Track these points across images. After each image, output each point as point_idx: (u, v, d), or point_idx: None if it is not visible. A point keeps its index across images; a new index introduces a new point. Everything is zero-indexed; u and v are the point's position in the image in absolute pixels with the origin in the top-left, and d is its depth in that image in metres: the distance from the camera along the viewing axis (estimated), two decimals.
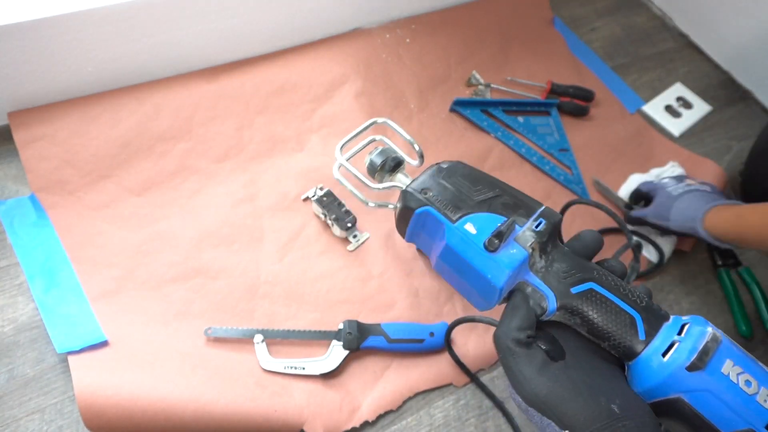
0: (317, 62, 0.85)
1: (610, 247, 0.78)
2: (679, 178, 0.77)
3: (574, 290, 0.38)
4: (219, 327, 0.64)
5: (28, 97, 0.73)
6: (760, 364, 0.37)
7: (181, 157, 0.75)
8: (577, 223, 0.79)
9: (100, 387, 0.56)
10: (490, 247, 0.39)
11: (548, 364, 0.37)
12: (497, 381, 0.65)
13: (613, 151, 0.88)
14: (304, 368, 0.62)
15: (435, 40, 0.93)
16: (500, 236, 0.39)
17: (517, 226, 0.41)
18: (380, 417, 0.62)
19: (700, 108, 0.96)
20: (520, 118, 0.88)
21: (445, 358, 0.66)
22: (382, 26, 0.92)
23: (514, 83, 0.92)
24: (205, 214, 0.72)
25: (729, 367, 0.35)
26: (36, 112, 0.73)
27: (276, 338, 0.64)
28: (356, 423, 0.61)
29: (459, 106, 0.87)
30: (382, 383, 0.64)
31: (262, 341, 0.63)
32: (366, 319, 0.66)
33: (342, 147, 0.52)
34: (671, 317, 0.39)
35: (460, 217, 0.41)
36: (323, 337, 0.64)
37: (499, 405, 0.64)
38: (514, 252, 0.39)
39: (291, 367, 0.62)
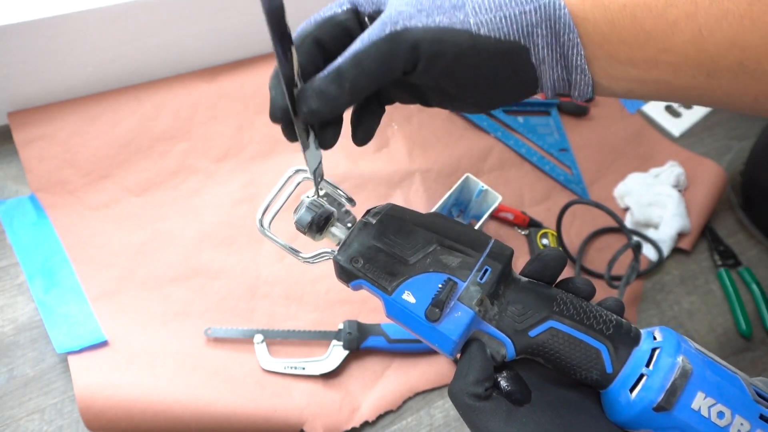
0: None
1: (610, 247, 0.78)
2: None
3: (532, 333, 0.36)
4: (219, 327, 0.64)
5: (28, 97, 0.73)
6: (738, 378, 0.35)
7: (181, 157, 0.75)
8: (577, 223, 0.79)
9: (100, 387, 0.56)
10: (432, 318, 0.36)
11: (513, 412, 0.34)
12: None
13: (613, 151, 0.88)
14: (304, 368, 0.62)
15: None
16: (440, 305, 0.36)
17: (459, 283, 0.36)
18: (380, 417, 0.62)
19: (700, 108, 0.96)
20: (520, 118, 0.88)
21: (445, 357, 0.66)
22: None
23: None
24: (205, 214, 0.72)
25: (700, 401, 0.34)
26: (36, 112, 0.73)
27: (276, 338, 0.64)
28: (356, 423, 0.61)
29: None
30: (382, 383, 0.64)
31: (262, 341, 0.63)
32: (366, 319, 0.66)
33: (263, 214, 0.44)
34: (642, 338, 0.36)
35: (397, 286, 0.37)
36: (323, 337, 0.64)
37: None
38: (458, 315, 0.36)
39: (291, 368, 0.62)
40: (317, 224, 0.42)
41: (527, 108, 0.89)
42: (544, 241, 0.75)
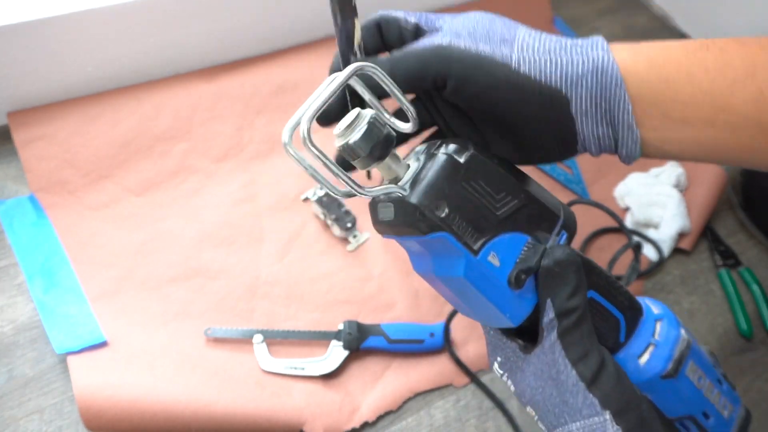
0: (317, 62, 0.85)
1: (610, 247, 0.78)
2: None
3: None
4: (218, 327, 0.64)
5: (28, 97, 0.73)
6: (704, 352, 0.40)
7: (181, 157, 0.75)
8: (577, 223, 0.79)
9: (100, 387, 0.56)
10: (516, 285, 0.32)
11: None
12: (497, 381, 0.65)
13: None
14: (303, 369, 0.62)
15: None
16: (529, 272, 0.33)
17: (544, 250, 0.34)
18: (380, 417, 0.62)
19: None
20: None
21: (445, 358, 0.66)
22: None
23: None
24: (205, 214, 0.72)
25: (691, 369, 0.37)
26: (36, 112, 0.73)
27: (276, 338, 0.64)
28: (356, 423, 0.61)
29: None
30: (382, 384, 0.64)
31: (262, 341, 0.63)
32: (366, 319, 0.66)
33: (308, 123, 0.32)
34: (643, 309, 0.39)
35: (483, 245, 0.32)
36: (323, 337, 0.64)
37: (499, 405, 0.64)
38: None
39: (291, 368, 0.62)
40: (380, 150, 0.32)
41: None
42: None
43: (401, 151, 0.35)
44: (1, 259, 0.66)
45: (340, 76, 0.32)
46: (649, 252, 0.78)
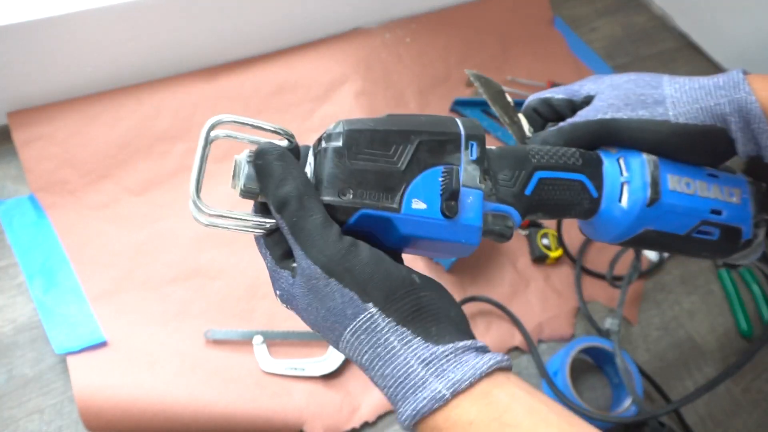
0: (317, 62, 0.85)
1: (610, 248, 0.78)
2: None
3: (527, 192, 0.37)
4: (218, 329, 0.64)
5: (28, 97, 0.73)
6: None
7: (180, 157, 0.75)
8: (577, 223, 0.79)
9: (100, 387, 0.56)
10: (451, 213, 0.33)
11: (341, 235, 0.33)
12: None
13: None
14: (304, 369, 0.62)
15: (435, 40, 0.93)
16: (455, 196, 0.33)
17: (458, 169, 0.34)
18: (380, 417, 0.62)
19: None
20: None
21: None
22: (382, 26, 0.92)
23: (515, 83, 0.92)
24: None
25: (674, 182, 0.38)
26: (35, 112, 0.73)
27: (276, 339, 0.64)
28: (356, 423, 0.61)
29: (459, 106, 0.87)
30: None
31: (262, 342, 0.63)
32: None
33: (196, 190, 0.34)
34: (601, 155, 0.40)
35: (401, 199, 0.33)
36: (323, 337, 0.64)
37: None
38: (471, 200, 0.35)
39: (291, 368, 0.62)
40: None
41: None
42: (545, 241, 0.75)
43: None
44: (1, 259, 0.65)
45: (203, 133, 0.35)
46: (649, 252, 0.78)
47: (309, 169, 0.35)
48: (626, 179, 0.38)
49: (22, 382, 0.59)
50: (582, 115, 0.42)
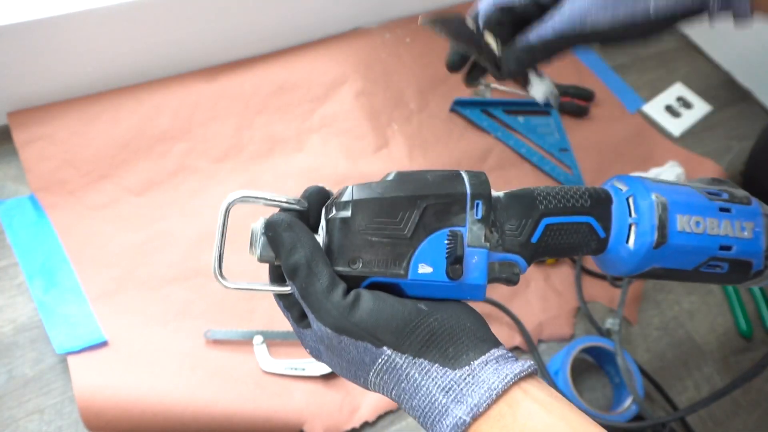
0: (317, 62, 0.85)
1: None
2: None
3: (534, 239, 0.38)
4: (218, 329, 0.64)
5: (28, 97, 0.73)
6: (690, 188, 0.40)
7: (180, 157, 0.75)
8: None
9: (100, 387, 0.56)
10: (456, 276, 0.34)
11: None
12: None
13: (613, 151, 0.88)
14: (304, 369, 0.62)
15: (435, 40, 0.93)
16: (459, 260, 0.34)
17: (462, 230, 0.35)
18: (380, 417, 0.62)
19: (700, 108, 0.96)
20: (521, 118, 0.88)
21: None
22: (382, 26, 0.92)
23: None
24: (205, 214, 0.72)
25: (682, 222, 0.38)
26: (36, 112, 0.73)
27: (276, 339, 0.64)
28: (356, 423, 0.61)
29: (459, 106, 0.87)
30: None
31: (262, 342, 0.63)
32: None
33: (219, 265, 0.37)
34: (611, 193, 0.40)
35: (408, 266, 0.35)
36: None
37: None
38: (476, 260, 0.35)
39: (291, 368, 0.62)
40: None
41: (527, 108, 0.89)
42: None
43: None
44: (1, 259, 0.65)
45: (221, 211, 0.36)
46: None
47: (322, 233, 0.36)
48: (634, 220, 0.38)
49: (22, 382, 0.59)
50: (555, 25, 0.41)
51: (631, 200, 0.39)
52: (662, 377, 0.69)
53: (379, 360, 0.32)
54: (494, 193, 0.38)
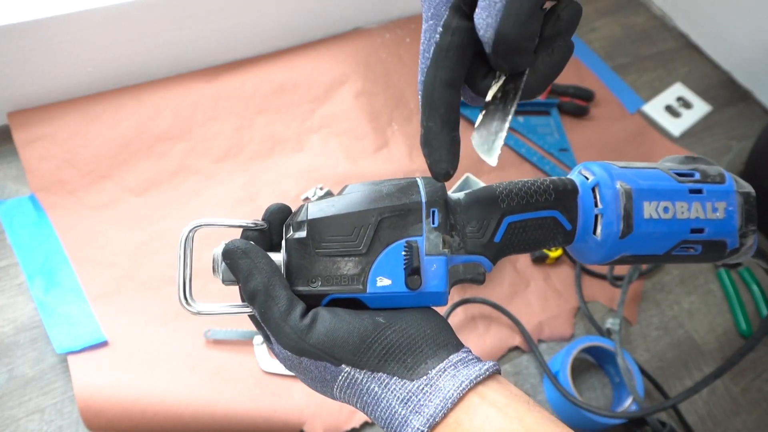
0: (317, 62, 0.85)
1: None
2: None
3: (497, 239, 0.37)
4: (218, 329, 0.64)
5: (28, 97, 0.73)
6: (657, 170, 0.39)
7: (180, 157, 0.75)
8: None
9: (100, 387, 0.56)
10: (415, 286, 0.35)
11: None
12: None
13: (613, 151, 0.88)
14: None
15: None
16: (416, 271, 0.34)
17: (419, 240, 0.35)
18: None
19: (700, 108, 0.96)
20: (521, 118, 0.88)
21: None
22: (382, 26, 0.92)
23: None
24: (205, 215, 0.72)
25: (649, 210, 0.38)
26: (36, 112, 0.73)
27: None
28: (356, 423, 0.61)
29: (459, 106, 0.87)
30: None
31: (262, 342, 0.63)
32: None
33: (184, 291, 0.37)
34: (577, 184, 0.39)
35: (365, 280, 0.35)
36: None
37: None
38: (435, 268, 0.35)
39: None
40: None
41: (527, 108, 0.89)
42: None
43: None
44: (1, 259, 0.66)
45: (181, 241, 0.38)
46: None
47: (282, 254, 0.37)
48: (600, 211, 0.38)
49: (22, 381, 0.59)
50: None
51: (596, 190, 0.38)
52: (662, 377, 0.69)
53: (340, 377, 0.33)
54: (454, 195, 0.38)
